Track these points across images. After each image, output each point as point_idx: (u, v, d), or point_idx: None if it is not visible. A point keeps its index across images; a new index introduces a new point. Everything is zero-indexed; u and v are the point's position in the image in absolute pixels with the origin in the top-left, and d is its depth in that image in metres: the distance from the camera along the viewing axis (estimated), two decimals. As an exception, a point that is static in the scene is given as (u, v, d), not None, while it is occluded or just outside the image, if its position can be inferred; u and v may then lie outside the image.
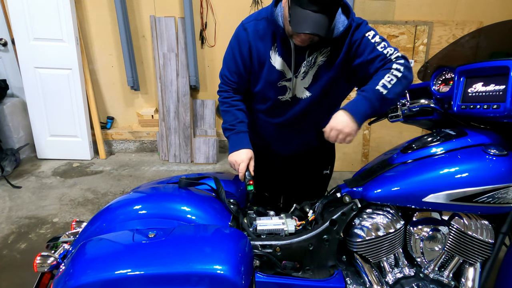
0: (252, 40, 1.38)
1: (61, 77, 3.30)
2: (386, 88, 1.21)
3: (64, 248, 1.22)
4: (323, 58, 1.34)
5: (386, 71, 1.25)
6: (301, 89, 1.39)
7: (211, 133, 3.60)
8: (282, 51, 1.35)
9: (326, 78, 1.36)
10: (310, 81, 1.37)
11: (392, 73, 1.23)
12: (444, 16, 3.28)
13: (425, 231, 1.26)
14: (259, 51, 1.38)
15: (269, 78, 1.39)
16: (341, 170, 3.41)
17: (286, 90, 1.41)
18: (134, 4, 3.32)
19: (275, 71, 1.38)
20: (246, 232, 1.31)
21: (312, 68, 1.35)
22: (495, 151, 1.16)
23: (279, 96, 1.42)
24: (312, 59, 1.33)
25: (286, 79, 1.38)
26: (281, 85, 1.40)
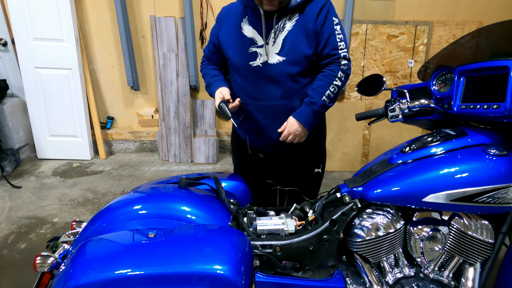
0: (224, 18, 1.56)
1: (61, 77, 3.30)
2: (329, 98, 1.46)
3: (64, 248, 1.22)
4: (292, 23, 1.44)
5: (332, 78, 1.46)
6: (273, 55, 1.47)
7: (211, 133, 3.60)
8: (252, 20, 1.48)
9: (295, 42, 1.45)
10: (280, 46, 1.46)
11: (336, 83, 1.46)
12: (444, 16, 3.28)
13: (425, 231, 1.26)
14: (230, 22, 1.53)
15: (240, 46, 1.51)
16: (341, 170, 3.41)
17: (256, 55, 1.49)
18: (134, 4, 3.32)
19: (246, 39, 1.49)
20: (246, 232, 1.31)
21: (281, 33, 1.45)
22: (495, 151, 1.16)
23: (250, 62, 1.50)
24: (281, 24, 1.45)
25: (257, 46, 1.48)
26: (251, 51, 1.49)
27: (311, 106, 1.44)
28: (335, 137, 3.39)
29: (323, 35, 1.44)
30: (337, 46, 1.46)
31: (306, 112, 1.46)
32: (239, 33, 1.50)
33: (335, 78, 1.45)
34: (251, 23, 1.48)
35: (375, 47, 3.30)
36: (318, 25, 1.44)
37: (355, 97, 3.42)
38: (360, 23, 3.24)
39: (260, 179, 1.79)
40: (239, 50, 1.51)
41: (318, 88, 1.45)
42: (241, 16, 1.51)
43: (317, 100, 1.44)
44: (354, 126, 3.36)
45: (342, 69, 1.46)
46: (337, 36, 1.45)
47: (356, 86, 1.61)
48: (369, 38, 3.28)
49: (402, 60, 3.34)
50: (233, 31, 1.52)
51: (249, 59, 1.50)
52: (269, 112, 1.55)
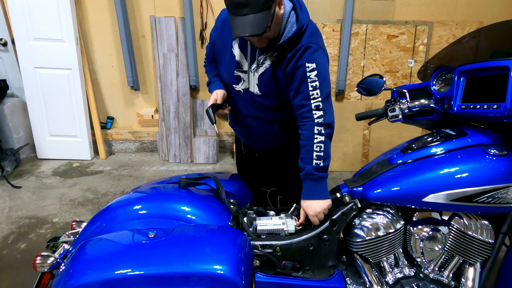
0: (219, 27, 1.48)
1: (61, 77, 3.30)
2: (320, 158, 1.30)
3: (64, 248, 1.22)
4: (269, 62, 1.37)
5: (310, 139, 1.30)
6: (254, 84, 1.43)
7: (211, 133, 3.60)
8: (241, 43, 1.42)
9: (268, 82, 1.39)
10: (257, 80, 1.41)
11: (317, 142, 1.30)
12: (444, 16, 3.28)
13: (425, 231, 1.26)
14: (223, 36, 1.46)
15: (228, 64, 1.47)
16: (341, 170, 3.41)
17: (240, 80, 1.46)
18: (134, 4, 3.32)
19: (234, 60, 1.44)
20: (246, 232, 1.31)
21: (261, 67, 1.39)
22: (495, 151, 1.16)
23: (234, 85, 1.48)
24: (261, 59, 1.38)
25: (241, 70, 1.44)
26: (236, 74, 1.46)
27: (309, 178, 1.32)
28: (335, 137, 3.37)
29: (293, 84, 1.34)
30: (309, 96, 1.30)
31: (308, 187, 1.33)
32: (230, 52, 1.45)
33: (314, 137, 1.30)
34: (240, 47, 1.42)
35: (375, 47, 3.30)
36: (287, 74, 1.34)
37: (355, 97, 3.42)
38: (360, 23, 3.24)
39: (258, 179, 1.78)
40: (227, 69, 1.49)
41: (304, 158, 1.33)
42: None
43: (309, 170, 1.31)
44: (354, 126, 3.36)
45: (317, 123, 1.30)
46: (310, 85, 1.29)
47: (356, 86, 1.61)
48: (369, 38, 3.28)
49: (402, 60, 3.34)
50: (226, 48, 1.46)
51: (233, 81, 1.48)
52: (253, 128, 1.58)
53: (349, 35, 3.22)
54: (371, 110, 1.59)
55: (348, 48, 3.24)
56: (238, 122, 1.65)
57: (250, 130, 1.62)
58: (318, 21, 3.21)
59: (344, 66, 3.27)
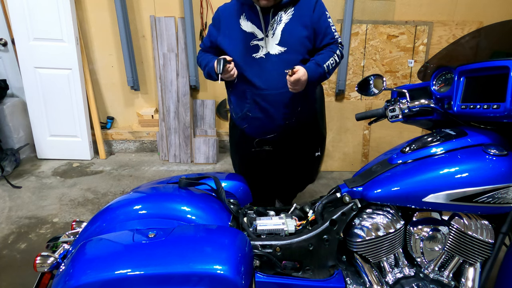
0: (221, 18, 1.66)
1: (61, 77, 3.30)
2: (328, 68, 1.61)
3: (64, 248, 1.22)
4: (288, 17, 1.58)
5: (331, 53, 1.63)
6: (273, 46, 1.60)
7: (211, 133, 3.60)
8: (250, 15, 1.60)
9: (293, 33, 1.59)
10: (279, 37, 1.59)
11: (335, 58, 1.64)
12: (444, 16, 3.28)
13: (425, 231, 1.26)
14: (227, 22, 1.64)
15: (242, 41, 1.62)
16: (341, 170, 3.41)
17: (258, 48, 1.61)
18: (134, 4, 3.32)
19: (246, 33, 1.61)
20: (246, 232, 1.31)
21: (279, 25, 1.58)
22: (495, 151, 1.16)
23: (253, 54, 1.61)
24: (278, 17, 1.59)
25: (257, 39, 1.61)
26: (253, 44, 1.61)
27: (317, 67, 1.57)
28: (335, 137, 3.39)
29: (321, 29, 1.62)
30: (334, 35, 1.66)
31: (313, 68, 1.56)
32: (238, 30, 1.61)
33: (334, 54, 1.63)
34: (249, 19, 1.60)
35: (375, 47, 3.30)
36: (314, 20, 1.60)
37: (355, 97, 3.42)
38: (360, 23, 3.24)
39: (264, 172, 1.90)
40: (240, 45, 1.61)
41: (322, 57, 1.60)
42: (239, 14, 1.62)
43: (321, 63, 1.58)
44: (354, 126, 3.36)
45: (340, 49, 1.67)
46: (332, 28, 1.66)
47: (356, 86, 1.61)
48: (369, 38, 3.28)
49: (402, 60, 3.34)
50: (233, 28, 1.62)
51: (252, 51, 1.60)
52: (274, 100, 1.65)
53: (349, 35, 3.22)
54: (371, 110, 1.59)
55: (348, 48, 3.24)
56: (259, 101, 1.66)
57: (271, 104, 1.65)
58: (318, 21, 3.21)
59: (344, 66, 3.27)
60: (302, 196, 2.93)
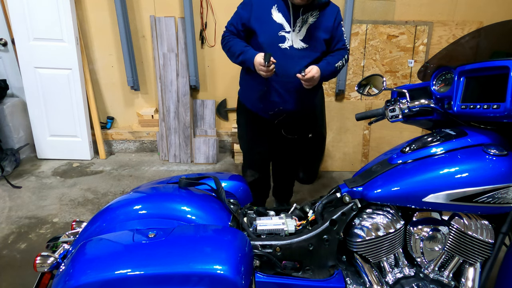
0: (254, 3, 1.79)
1: (61, 77, 3.30)
2: (336, 69, 1.84)
3: (64, 248, 1.22)
4: (313, 19, 1.78)
5: (340, 56, 1.86)
6: (297, 41, 1.78)
7: (211, 133, 3.60)
8: (281, 8, 1.77)
9: (316, 34, 1.79)
10: (304, 35, 1.78)
11: (342, 60, 1.87)
12: (444, 16, 3.28)
13: (425, 231, 1.26)
14: (260, 9, 1.78)
15: (271, 29, 1.78)
16: (341, 170, 3.41)
17: (285, 39, 1.78)
18: (134, 4, 3.31)
19: (276, 24, 1.77)
20: (246, 232, 1.31)
21: (305, 24, 1.78)
22: (495, 151, 1.16)
23: (280, 44, 1.78)
24: (305, 18, 1.77)
25: (285, 31, 1.78)
26: (280, 34, 1.78)
27: (329, 65, 1.80)
28: (335, 137, 3.39)
29: (337, 36, 1.86)
30: (345, 42, 1.90)
31: (325, 67, 1.78)
32: (269, 18, 1.77)
33: (343, 58, 1.87)
34: (280, 11, 1.76)
35: (375, 47, 3.30)
36: (334, 28, 1.83)
37: (355, 97, 3.42)
38: (360, 23, 3.24)
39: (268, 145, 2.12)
40: (269, 33, 1.78)
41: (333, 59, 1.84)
42: (271, 3, 1.78)
43: (332, 63, 1.81)
44: (354, 126, 3.36)
45: (347, 54, 1.91)
46: (344, 35, 1.89)
47: (356, 86, 1.61)
48: (369, 38, 3.28)
49: (402, 60, 3.34)
50: (265, 15, 1.77)
51: (278, 41, 1.77)
52: (292, 88, 1.84)
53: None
54: (371, 110, 1.59)
55: (348, 48, 3.24)
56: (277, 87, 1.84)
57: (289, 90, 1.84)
58: (318, 21, 3.21)
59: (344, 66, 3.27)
60: (302, 196, 2.93)
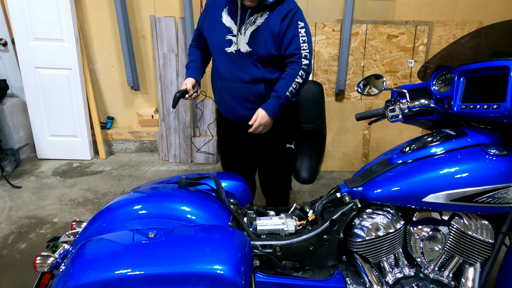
0: (210, 7, 1.75)
1: (61, 77, 3.30)
2: (292, 93, 1.63)
3: (64, 248, 1.22)
4: (262, 20, 1.63)
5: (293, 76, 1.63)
6: (243, 44, 1.66)
7: (211, 133, 3.60)
8: (231, 10, 1.68)
9: (260, 38, 1.64)
10: (248, 38, 1.65)
11: (297, 81, 1.63)
12: (444, 16, 3.28)
13: (425, 231, 1.26)
14: (214, 11, 1.72)
15: (219, 32, 1.70)
16: (341, 170, 3.41)
17: (231, 43, 1.69)
18: (134, 4, 3.31)
19: (224, 27, 1.69)
20: (246, 232, 1.31)
21: (251, 26, 1.64)
22: (495, 151, 1.16)
23: (226, 48, 1.70)
24: (253, 19, 1.64)
25: (232, 34, 1.68)
26: (227, 38, 1.69)
27: (278, 100, 1.63)
28: (335, 137, 3.39)
29: (287, 37, 1.63)
30: (300, 47, 1.63)
31: (273, 104, 1.63)
32: (219, 21, 1.69)
33: (296, 77, 1.63)
34: (229, 14, 1.68)
35: (375, 47, 3.30)
36: (282, 28, 1.62)
37: (355, 97, 3.42)
38: (360, 23, 3.24)
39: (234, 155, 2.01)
40: (217, 37, 1.71)
41: (282, 86, 1.64)
42: (223, 6, 1.70)
43: (281, 94, 1.62)
44: (354, 126, 3.36)
45: (303, 68, 1.63)
46: (301, 38, 1.63)
47: (356, 86, 1.61)
48: (369, 38, 3.28)
49: (402, 60, 3.34)
50: (215, 19, 1.71)
51: (225, 45, 1.69)
52: (237, 93, 1.74)
53: (349, 35, 3.22)
54: (371, 110, 1.59)
55: (348, 48, 3.24)
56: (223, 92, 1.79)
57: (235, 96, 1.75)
58: (318, 21, 3.21)
59: (344, 66, 3.27)
60: (302, 196, 2.93)
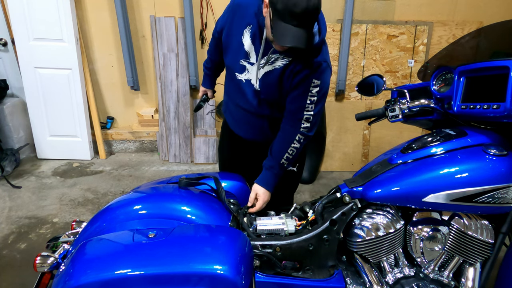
0: (233, 10, 1.47)
1: (61, 77, 3.30)
2: (288, 160, 1.48)
3: (64, 248, 1.22)
4: (281, 64, 1.40)
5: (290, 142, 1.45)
6: (255, 79, 1.47)
7: (211, 133, 3.60)
8: (254, 35, 1.41)
9: (273, 81, 1.43)
10: (261, 75, 1.45)
11: (294, 146, 1.45)
12: (444, 16, 3.28)
13: (425, 231, 1.26)
14: (236, 23, 1.46)
15: (235, 52, 1.48)
16: (341, 170, 3.41)
17: (244, 70, 1.48)
18: (134, 4, 3.31)
19: (242, 49, 1.45)
20: (246, 232, 1.31)
21: (268, 65, 1.42)
22: (495, 151, 1.16)
23: (237, 73, 1.51)
24: (273, 58, 1.40)
25: (248, 61, 1.46)
26: (242, 63, 1.48)
27: (271, 171, 1.49)
28: (335, 137, 3.39)
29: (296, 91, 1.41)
30: (304, 107, 1.41)
31: (268, 177, 1.49)
32: (239, 40, 1.46)
33: (293, 141, 1.45)
34: (252, 37, 1.42)
35: (375, 47, 3.30)
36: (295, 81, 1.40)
37: (355, 97, 3.42)
38: (360, 23, 3.24)
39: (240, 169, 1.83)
40: (232, 57, 1.51)
41: (277, 153, 1.48)
42: (248, 22, 1.42)
43: (275, 164, 1.48)
44: (354, 126, 3.36)
45: (302, 132, 1.44)
46: (309, 98, 1.39)
47: (356, 86, 1.61)
48: (369, 38, 3.28)
49: (402, 60, 3.34)
50: (236, 34, 1.47)
51: (237, 69, 1.51)
52: (241, 118, 1.64)
53: (349, 35, 3.22)
54: (371, 110, 1.59)
55: (348, 48, 3.24)
56: (228, 109, 1.72)
57: (239, 119, 1.67)
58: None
59: (344, 66, 3.27)
60: (302, 196, 2.93)
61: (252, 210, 1.44)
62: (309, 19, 1.19)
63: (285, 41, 1.20)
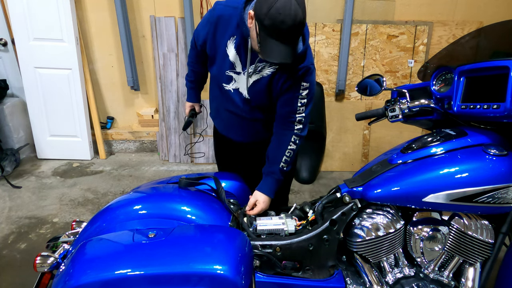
0: (214, 22, 1.44)
1: (61, 77, 3.30)
2: (286, 162, 1.48)
3: (64, 248, 1.22)
4: (268, 72, 1.41)
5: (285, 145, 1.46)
6: (244, 87, 1.48)
7: (211, 133, 3.59)
8: (239, 45, 1.41)
9: (262, 88, 1.45)
10: (250, 84, 1.46)
11: (290, 148, 1.47)
12: (444, 16, 3.28)
13: (425, 231, 1.26)
14: (216, 35, 1.45)
15: (221, 63, 1.48)
16: (341, 170, 3.41)
17: (231, 80, 1.49)
18: (134, 4, 3.31)
19: (227, 60, 1.45)
20: (246, 232, 1.31)
21: (256, 74, 1.43)
22: (495, 151, 1.16)
23: (224, 84, 1.52)
24: (260, 67, 1.42)
25: (234, 71, 1.47)
26: (228, 74, 1.48)
27: (272, 176, 1.49)
28: (335, 137, 3.39)
29: (285, 95, 1.43)
30: (296, 110, 1.43)
31: (268, 183, 1.48)
32: (223, 51, 1.45)
33: (289, 143, 1.47)
34: (236, 48, 1.41)
35: (375, 47, 3.30)
36: (284, 86, 1.41)
37: (355, 97, 3.42)
38: (360, 23, 3.24)
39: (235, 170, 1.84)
40: (218, 68, 1.51)
41: (274, 158, 1.49)
42: (231, 33, 1.41)
43: (275, 169, 1.48)
44: (354, 126, 3.36)
45: (296, 134, 1.46)
46: (299, 101, 1.42)
47: (356, 86, 1.61)
48: (369, 38, 3.28)
49: (402, 60, 3.34)
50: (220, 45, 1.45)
51: (223, 80, 1.51)
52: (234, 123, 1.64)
53: (349, 35, 3.22)
54: (371, 110, 1.59)
55: (348, 48, 3.24)
56: (219, 115, 1.71)
57: (233, 124, 1.66)
58: (318, 21, 3.21)
59: (344, 66, 3.27)
60: (302, 196, 2.93)
61: (250, 213, 1.43)
62: (295, 35, 1.21)
63: (272, 57, 1.23)
